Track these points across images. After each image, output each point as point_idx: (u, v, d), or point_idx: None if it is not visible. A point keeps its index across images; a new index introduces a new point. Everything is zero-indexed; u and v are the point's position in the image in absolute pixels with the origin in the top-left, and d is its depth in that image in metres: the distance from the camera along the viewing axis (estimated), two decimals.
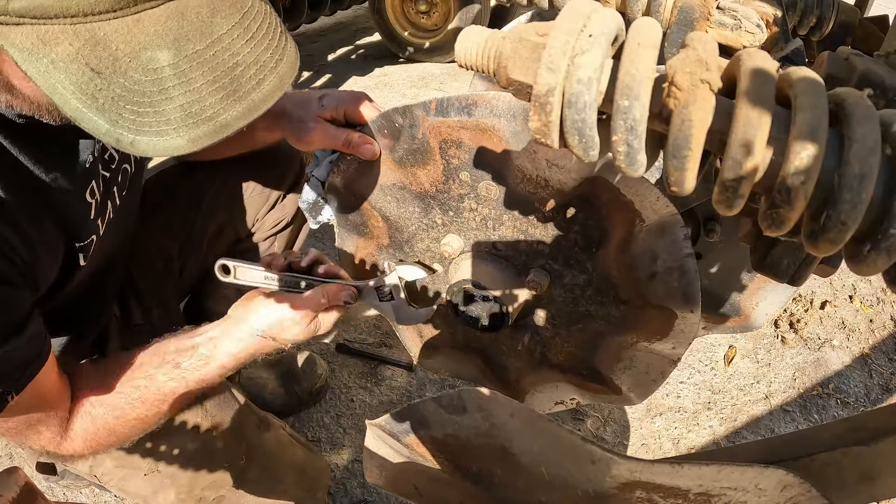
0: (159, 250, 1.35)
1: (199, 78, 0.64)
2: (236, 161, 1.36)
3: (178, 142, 0.64)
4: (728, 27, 0.85)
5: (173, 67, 0.63)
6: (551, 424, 0.80)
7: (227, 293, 1.46)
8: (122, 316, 1.31)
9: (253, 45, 0.69)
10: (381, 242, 1.17)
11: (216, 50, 0.66)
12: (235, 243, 1.43)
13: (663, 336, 0.99)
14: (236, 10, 0.69)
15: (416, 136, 0.97)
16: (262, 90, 0.68)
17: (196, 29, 0.65)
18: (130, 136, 0.63)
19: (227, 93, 0.66)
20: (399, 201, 1.09)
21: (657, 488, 0.77)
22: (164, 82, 0.63)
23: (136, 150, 0.64)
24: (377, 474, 0.92)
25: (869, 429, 0.77)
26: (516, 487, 0.90)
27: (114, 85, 0.62)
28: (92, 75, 0.61)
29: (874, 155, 0.41)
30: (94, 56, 0.61)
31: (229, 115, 0.66)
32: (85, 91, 0.61)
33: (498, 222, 1.01)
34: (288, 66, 0.72)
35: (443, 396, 0.86)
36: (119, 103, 0.62)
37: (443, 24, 4.29)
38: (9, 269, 0.79)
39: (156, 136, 0.64)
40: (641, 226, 0.89)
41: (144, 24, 0.62)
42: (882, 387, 1.92)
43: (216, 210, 1.36)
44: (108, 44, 0.61)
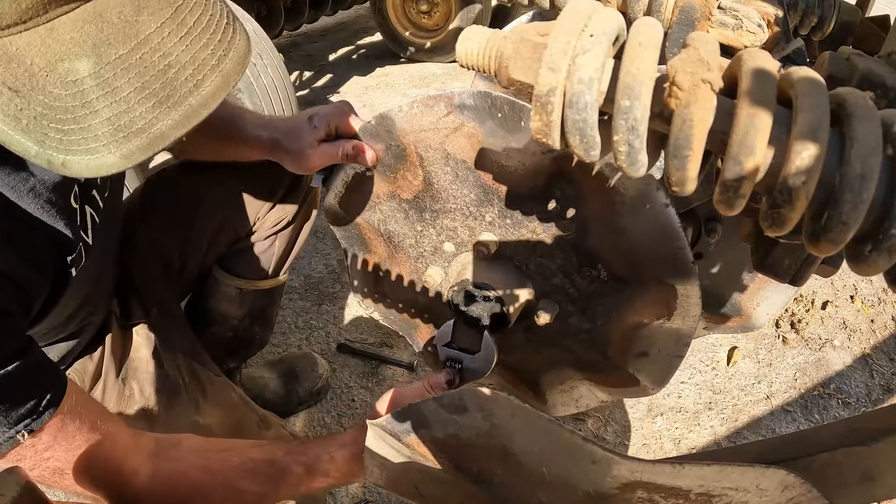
0: (159, 250, 1.35)
1: (125, 86, 0.58)
2: None
3: (111, 159, 0.59)
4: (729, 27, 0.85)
5: (95, 77, 0.58)
6: (552, 424, 0.80)
7: (228, 292, 1.46)
8: (122, 314, 1.31)
9: (189, 41, 0.61)
10: (382, 256, 1.18)
11: (143, 52, 0.59)
12: (235, 242, 1.43)
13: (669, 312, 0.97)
14: (167, 4, 0.61)
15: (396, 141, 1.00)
16: (202, 93, 0.61)
17: (118, 31, 0.58)
18: (61, 157, 0.58)
19: (160, 100, 0.59)
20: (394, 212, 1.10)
21: (658, 488, 0.77)
22: (87, 94, 0.57)
23: (68, 172, 0.59)
24: (378, 474, 0.92)
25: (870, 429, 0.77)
26: (517, 487, 0.90)
27: (34, 103, 0.57)
28: (10, 94, 0.56)
29: (875, 155, 0.41)
30: (10, 73, 0.56)
31: (163, 124, 0.60)
32: (6, 112, 0.56)
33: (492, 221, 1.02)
34: (234, 63, 0.64)
35: (443, 396, 0.86)
36: (42, 122, 0.57)
37: (444, 24, 4.29)
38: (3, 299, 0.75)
39: (86, 155, 0.58)
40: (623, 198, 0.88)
41: (59, 33, 0.57)
42: (883, 387, 1.92)
43: (216, 209, 1.35)
44: (23, 58, 0.56)
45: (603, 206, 0.91)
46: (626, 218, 0.89)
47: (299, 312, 2.16)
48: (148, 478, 0.88)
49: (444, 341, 1.04)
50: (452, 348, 1.04)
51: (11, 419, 0.72)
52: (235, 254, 1.43)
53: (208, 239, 1.38)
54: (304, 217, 1.46)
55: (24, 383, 0.74)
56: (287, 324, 2.11)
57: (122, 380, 1.25)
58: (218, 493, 0.91)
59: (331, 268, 2.36)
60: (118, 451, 0.86)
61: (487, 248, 1.02)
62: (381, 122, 1.00)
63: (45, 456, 0.78)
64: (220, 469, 0.91)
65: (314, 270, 2.35)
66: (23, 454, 0.76)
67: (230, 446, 0.95)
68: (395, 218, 1.12)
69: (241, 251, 1.43)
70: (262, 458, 0.92)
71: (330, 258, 2.40)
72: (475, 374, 1.04)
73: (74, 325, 1.11)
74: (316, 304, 2.20)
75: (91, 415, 0.84)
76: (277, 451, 0.94)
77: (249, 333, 1.56)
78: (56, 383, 0.79)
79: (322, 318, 2.14)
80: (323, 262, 2.38)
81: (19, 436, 0.73)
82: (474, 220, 1.04)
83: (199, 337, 1.42)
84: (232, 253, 1.43)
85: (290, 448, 0.95)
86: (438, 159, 0.99)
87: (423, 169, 1.01)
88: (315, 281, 2.30)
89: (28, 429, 0.74)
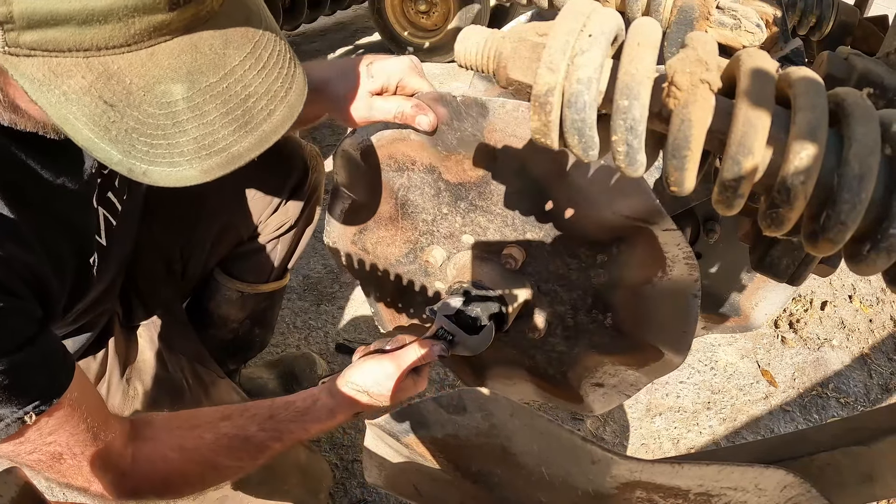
0: (161, 251, 1.35)
1: (212, 111, 0.65)
2: None
3: (191, 173, 0.66)
4: (728, 27, 0.85)
5: (187, 101, 0.64)
6: (551, 424, 0.80)
7: (229, 295, 1.46)
8: (125, 314, 1.31)
9: (264, 75, 0.69)
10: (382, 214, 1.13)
11: (229, 82, 0.66)
12: (238, 246, 1.43)
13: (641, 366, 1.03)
14: (248, 40, 0.69)
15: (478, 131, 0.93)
16: (273, 121, 0.69)
17: (209, 61, 0.65)
18: (143, 167, 0.64)
19: (240, 125, 0.67)
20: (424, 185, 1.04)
21: (657, 488, 0.77)
22: (178, 115, 0.64)
23: (148, 180, 0.65)
24: (377, 474, 0.92)
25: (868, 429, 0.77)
26: (516, 487, 0.90)
27: (127, 118, 0.62)
28: (105, 108, 0.61)
29: (874, 155, 0.41)
30: (108, 89, 0.61)
31: (241, 146, 0.67)
32: (98, 123, 0.61)
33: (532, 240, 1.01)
34: (297, 95, 0.72)
35: (443, 396, 0.86)
36: (132, 135, 0.62)
37: (442, 24, 4.28)
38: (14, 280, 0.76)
39: (168, 167, 0.65)
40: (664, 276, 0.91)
41: (158, 58, 0.63)
42: (882, 386, 1.92)
43: (218, 212, 1.35)
44: (122, 77, 0.61)
45: (644, 275, 0.94)
46: (658, 293, 0.93)
47: (298, 313, 2.16)
48: (130, 461, 0.90)
49: (446, 312, 1.02)
50: (452, 321, 1.01)
51: (22, 400, 0.74)
52: (237, 257, 1.43)
53: (211, 241, 1.38)
54: (306, 220, 1.46)
55: (36, 367, 0.76)
56: (286, 324, 2.11)
57: (127, 380, 1.25)
58: (195, 471, 0.94)
59: (329, 268, 2.35)
60: (112, 438, 0.88)
61: (514, 261, 1.01)
62: (471, 106, 0.90)
63: (48, 440, 0.80)
64: (194, 447, 0.93)
65: (313, 271, 2.35)
66: (27, 437, 0.77)
67: (199, 422, 0.97)
68: (422, 190, 1.05)
69: (243, 254, 1.43)
70: (235, 434, 0.95)
71: (328, 258, 2.40)
72: (462, 353, 1.03)
73: (81, 324, 1.11)
74: (315, 304, 2.20)
75: (94, 401, 0.86)
76: (250, 427, 0.96)
77: (250, 336, 1.56)
78: (65, 369, 0.81)
79: (321, 318, 2.14)
80: (322, 263, 2.38)
81: (27, 417, 0.75)
82: (513, 231, 1.01)
83: (200, 339, 1.42)
84: (234, 256, 1.43)
85: (261, 423, 0.97)
86: (513, 168, 0.94)
87: (490, 169, 0.96)
88: (314, 281, 2.30)
89: (37, 410, 0.76)
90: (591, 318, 1.04)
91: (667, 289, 0.93)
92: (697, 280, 0.89)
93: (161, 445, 0.92)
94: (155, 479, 0.92)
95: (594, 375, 1.11)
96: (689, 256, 0.87)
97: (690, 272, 0.89)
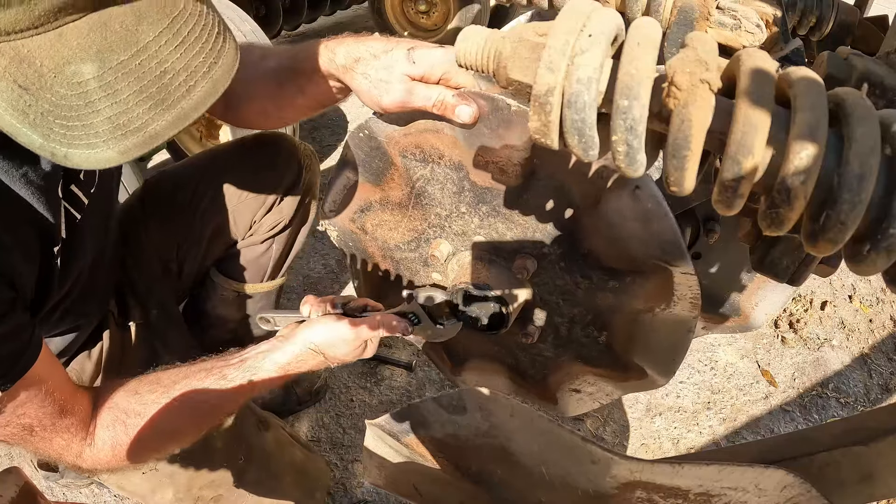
0: (157, 251, 1.35)
1: (125, 89, 0.64)
2: (234, 163, 1.35)
3: (109, 154, 0.64)
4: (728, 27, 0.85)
5: (98, 80, 0.63)
6: (551, 424, 0.80)
7: (225, 295, 1.46)
8: (120, 314, 1.31)
9: (183, 50, 0.67)
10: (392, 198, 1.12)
11: (142, 59, 0.65)
12: (233, 245, 1.43)
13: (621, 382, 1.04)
14: (165, 14, 0.67)
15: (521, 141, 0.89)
16: (193, 97, 0.67)
17: (120, 39, 0.64)
18: (63, 150, 0.63)
19: (155, 102, 0.65)
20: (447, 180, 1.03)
21: (657, 488, 0.77)
22: (90, 95, 0.63)
23: (70, 163, 0.64)
24: (377, 474, 0.92)
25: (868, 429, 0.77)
26: (516, 487, 0.90)
27: (41, 100, 0.62)
28: (20, 92, 0.61)
29: (874, 155, 0.41)
30: (21, 73, 0.61)
31: (158, 125, 0.66)
32: (16, 107, 0.62)
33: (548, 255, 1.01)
34: (223, 70, 0.70)
35: (443, 396, 0.86)
36: (48, 118, 0.62)
37: (442, 24, 4.28)
38: None
39: (87, 149, 0.64)
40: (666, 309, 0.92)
41: (67, 38, 0.62)
42: (881, 386, 1.93)
43: (213, 212, 1.36)
44: (33, 60, 0.61)
45: (648, 304, 0.95)
46: (656, 322, 0.96)
47: None
48: (94, 429, 0.93)
49: (423, 301, 1.04)
50: (424, 309, 1.04)
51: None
52: (233, 257, 1.43)
53: (206, 240, 1.38)
54: (301, 220, 1.46)
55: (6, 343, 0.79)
56: None
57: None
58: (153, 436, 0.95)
59: (329, 268, 2.35)
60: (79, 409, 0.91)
61: (526, 272, 1.00)
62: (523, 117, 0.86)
63: (19, 412, 0.83)
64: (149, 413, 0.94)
65: (312, 270, 2.35)
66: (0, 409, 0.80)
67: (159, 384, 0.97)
68: (443, 185, 1.03)
69: (239, 254, 1.43)
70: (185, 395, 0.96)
71: (328, 258, 2.40)
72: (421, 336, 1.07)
73: (69, 324, 1.11)
74: None
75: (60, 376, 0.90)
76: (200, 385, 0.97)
77: (247, 336, 1.56)
78: (32, 346, 0.84)
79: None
80: (321, 262, 2.38)
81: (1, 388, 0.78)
82: (530, 243, 1.01)
83: (197, 339, 1.43)
84: (229, 256, 1.43)
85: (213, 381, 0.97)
86: (549, 185, 0.93)
87: (525, 179, 0.93)
88: (313, 281, 2.30)
89: (3, 385, 0.79)
90: (586, 334, 1.05)
91: (666, 320, 0.94)
92: (696, 317, 0.91)
93: (118, 412, 0.94)
94: (115, 445, 0.93)
95: (574, 382, 1.13)
96: (696, 297, 0.89)
97: (692, 310, 0.90)
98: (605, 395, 1.12)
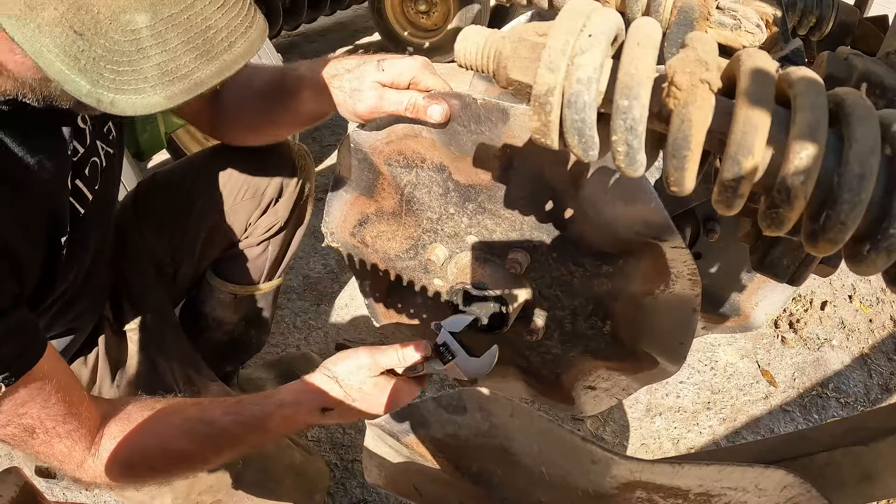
0: (152, 255, 1.35)
1: (174, 39, 0.69)
2: (227, 165, 1.34)
3: (155, 99, 0.69)
4: (728, 27, 0.85)
5: (150, 29, 0.67)
6: (551, 424, 0.80)
7: (222, 298, 1.46)
8: (115, 320, 1.30)
9: (224, 11, 0.73)
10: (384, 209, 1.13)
11: (190, 14, 0.70)
12: (229, 247, 1.42)
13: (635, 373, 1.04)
14: None
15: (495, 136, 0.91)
16: (234, 52, 0.73)
17: None
18: (110, 96, 0.68)
19: (201, 53, 0.70)
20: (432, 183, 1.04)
21: (657, 488, 0.77)
22: (142, 42, 0.67)
23: (115, 109, 0.68)
24: (377, 474, 0.92)
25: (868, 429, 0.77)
26: (516, 487, 0.90)
27: (95, 46, 0.66)
28: (75, 37, 0.65)
29: (874, 155, 0.41)
30: (78, 19, 0.65)
31: (203, 73, 0.71)
32: (68, 53, 0.65)
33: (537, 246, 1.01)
34: (258, 33, 0.76)
35: (443, 396, 0.86)
36: (100, 63, 0.67)
37: (442, 24, 4.28)
38: None
39: (134, 95, 0.68)
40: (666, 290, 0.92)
41: None
42: (881, 386, 1.93)
43: (208, 214, 1.35)
44: (91, 7, 0.65)
45: (646, 287, 0.94)
46: (659, 305, 0.94)
47: (298, 313, 2.16)
48: (101, 440, 0.91)
49: (452, 329, 0.99)
50: (456, 339, 0.99)
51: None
52: (229, 259, 1.43)
53: (201, 243, 1.38)
54: (296, 221, 1.46)
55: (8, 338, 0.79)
56: (285, 324, 2.11)
57: (118, 386, 1.25)
58: (159, 456, 0.94)
59: (329, 268, 2.36)
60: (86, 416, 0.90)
61: (519, 265, 1.00)
62: (492, 110, 0.88)
63: (20, 412, 0.82)
64: (160, 431, 0.94)
65: (312, 271, 2.35)
66: (1, 407, 0.80)
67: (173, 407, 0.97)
68: (429, 189, 1.05)
69: (235, 256, 1.43)
70: (200, 418, 0.96)
71: (328, 258, 2.40)
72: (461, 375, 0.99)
73: (61, 325, 1.11)
74: (314, 304, 2.20)
75: (67, 380, 0.88)
76: (215, 410, 0.97)
77: (245, 338, 1.56)
78: (37, 343, 0.84)
79: (320, 318, 2.14)
80: (321, 263, 2.38)
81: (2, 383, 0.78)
82: (519, 236, 1.01)
83: (195, 342, 1.42)
84: (225, 258, 1.43)
85: (227, 407, 0.97)
86: (527, 174, 0.93)
87: (503, 172, 0.95)
88: (313, 281, 2.30)
89: (7, 381, 0.78)
90: (590, 325, 1.05)
91: (668, 302, 0.93)
92: (699, 295, 0.89)
93: (130, 426, 0.93)
94: (120, 459, 0.92)
95: (587, 379, 1.12)
96: (694, 273, 0.88)
97: (693, 287, 0.89)
98: (620, 389, 1.10)
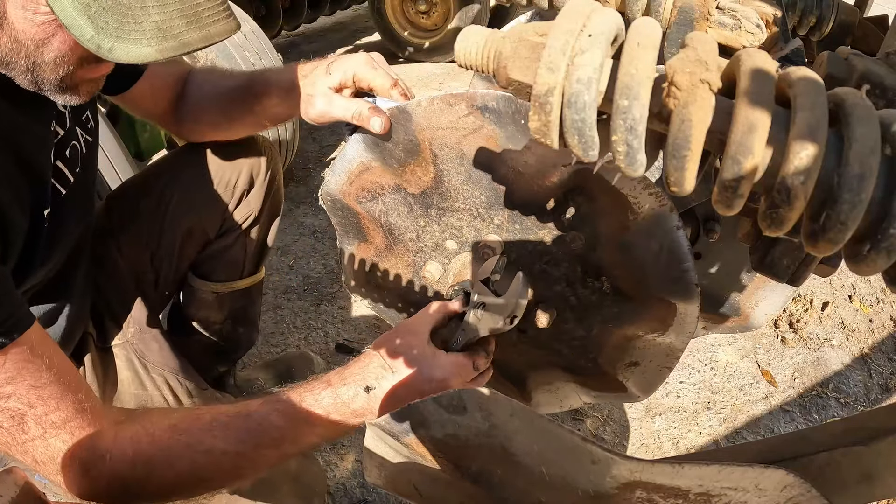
0: (131, 267, 1.34)
1: (171, 4, 0.77)
2: (195, 162, 1.34)
3: (149, 50, 0.77)
4: (728, 27, 0.85)
5: None
6: (551, 424, 0.80)
7: (205, 298, 1.46)
8: (99, 338, 1.30)
9: None
10: (379, 247, 1.17)
11: None
12: (206, 245, 1.42)
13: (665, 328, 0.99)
14: None
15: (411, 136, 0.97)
16: (217, 27, 0.82)
17: None
18: (110, 43, 0.75)
19: (191, 20, 0.79)
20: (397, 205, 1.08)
21: (657, 488, 0.77)
22: (146, 1, 0.76)
23: (112, 56, 0.76)
24: (377, 474, 0.92)
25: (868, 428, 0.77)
26: (516, 487, 0.90)
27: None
28: None
29: (874, 155, 0.41)
30: None
31: (191, 37, 0.79)
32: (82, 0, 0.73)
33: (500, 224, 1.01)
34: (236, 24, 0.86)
35: (443, 396, 0.86)
36: (107, 13, 0.74)
37: (442, 24, 4.28)
38: None
39: (131, 44, 0.76)
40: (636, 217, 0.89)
41: None
42: (881, 386, 1.92)
43: (182, 214, 1.35)
44: None
45: (616, 223, 0.92)
46: (638, 236, 0.91)
47: (297, 313, 2.16)
48: (112, 439, 0.81)
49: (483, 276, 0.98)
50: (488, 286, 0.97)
51: None
52: (207, 258, 1.43)
53: (179, 245, 1.37)
54: (270, 211, 1.46)
55: None
56: (285, 324, 2.11)
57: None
58: (185, 455, 0.83)
59: (329, 268, 2.35)
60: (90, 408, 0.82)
61: (492, 250, 1.01)
62: (396, 115, 0.97)
63: (6, 391, 0.75)
64: (187, 428, 0.84)
65: (312, 271, 2.35)
66: None
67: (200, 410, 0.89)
68: (397, 211, 1.10)
69: (213, 254, 1.43)
70: (235, 412, 0.87)
71: (328, 258, 2.40)
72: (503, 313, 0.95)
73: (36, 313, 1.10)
74: (314, 304, 2.20)
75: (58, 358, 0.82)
76: (252, 404, 0.88)
77: (234, 335, 1.56)
78: (24, 312, 0.80)
79: (320, 318, 2.14)
80: (321, 263, 2.38)
81: None
82: (482, 222, 1.03)
83: (184, 346, 1.42)
84: (204, 258, 1.43)
85: (263, 400, 0.89)
86: (453, 158, 0.98)
87: (436, 167, 1.00)
88: (313, 281, 2.30)
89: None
90: (591, 289, 1.03)
91: (645, 228, 0.90)
92: (673, 210, 0.86)
93: (150, 425, 0.84)
94: (137, 461, 0.81)
95: (625, 354, 1.07)
96: (649, 185, 0.85)
97: (660, 202, 0.86)
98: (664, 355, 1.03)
